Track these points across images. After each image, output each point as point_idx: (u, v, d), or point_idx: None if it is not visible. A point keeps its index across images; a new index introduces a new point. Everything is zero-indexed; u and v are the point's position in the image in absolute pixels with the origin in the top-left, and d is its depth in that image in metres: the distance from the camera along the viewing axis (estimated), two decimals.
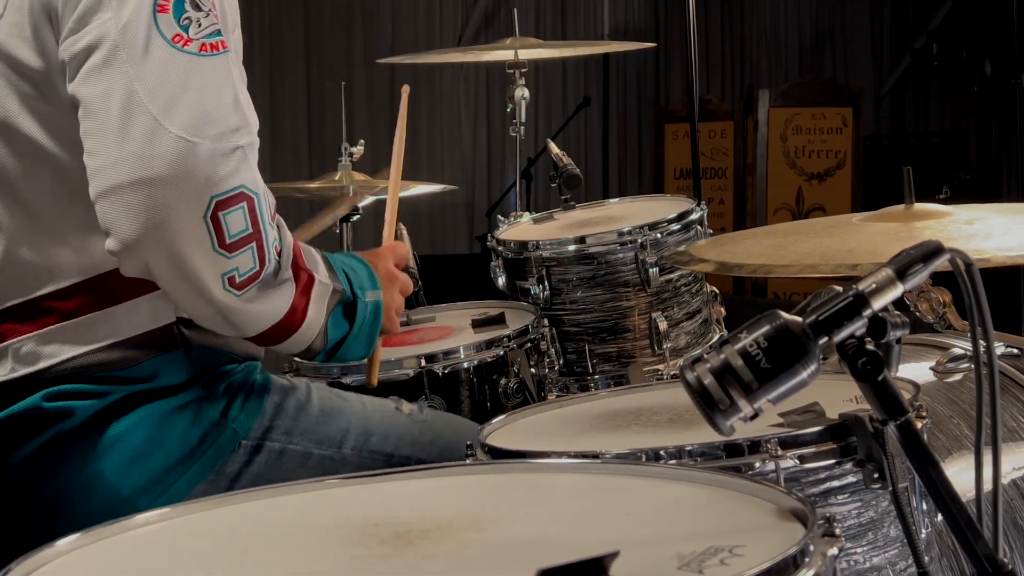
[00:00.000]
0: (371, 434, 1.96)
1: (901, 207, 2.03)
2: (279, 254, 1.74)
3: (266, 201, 1.72)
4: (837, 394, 1.69)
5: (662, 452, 1.55)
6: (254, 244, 1.68)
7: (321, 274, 1.82)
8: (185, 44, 1.67)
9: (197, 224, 1.63)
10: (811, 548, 1.11)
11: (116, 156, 1.63)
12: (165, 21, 1.67)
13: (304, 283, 1.78)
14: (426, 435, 2.00)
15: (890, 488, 1.50)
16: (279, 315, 1.74)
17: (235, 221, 1.66)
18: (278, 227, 1.76)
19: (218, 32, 1.70)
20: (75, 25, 1.67)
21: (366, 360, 2.07)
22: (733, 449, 1.54)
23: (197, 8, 1.69)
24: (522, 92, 3.45)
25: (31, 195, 1.77)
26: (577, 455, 1.55)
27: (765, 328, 1.20)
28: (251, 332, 1.75)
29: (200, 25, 1.68)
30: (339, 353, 1.88)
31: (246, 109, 1.72)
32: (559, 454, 1.57)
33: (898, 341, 1.25)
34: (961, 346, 2.11)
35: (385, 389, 2.23)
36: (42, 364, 1.77)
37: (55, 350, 1.77)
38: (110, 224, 1.65)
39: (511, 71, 3.49)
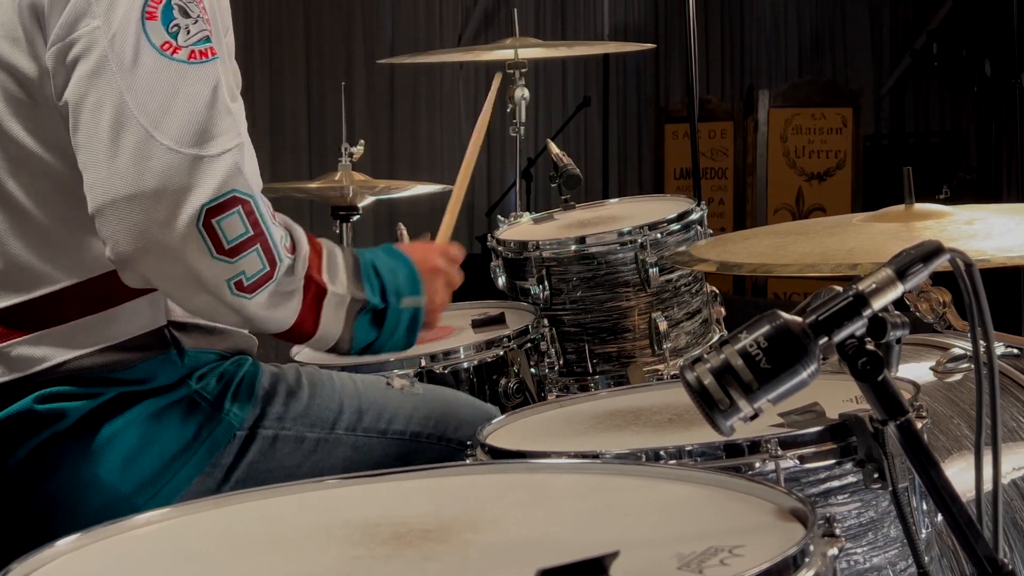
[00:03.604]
0: (364, 412, 1.96)
1: (901, 207, 2.03)
2: (292, 251, 1.72)
3: (264, 203, 1.71)
4: (837, 394, 1.69)
5: (662, 452, 1.55)
6: (258, 246, 1.66)
7: (338, 285, 1.79)
8: (174, 52, 1.66)
9: (191, 233, 1.62)
10: (811, 548, 1.11)
11: (107, 172, 1.63)
12: (154, 28, 1.66)
13: (313, 295, 1.76)
14: (420, 409, 2.00)
15: (890, 488, 1.50)
16: (288, 322, 1.74)
17: (231, 226, 1.64)
18: (290, 230, 1.75)
19: (207, 39, 1.69)
20: (62, 31, 1.66)
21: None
22: (733, 449, 1.54)
23: (186, 15, 1.68)
24: (522, 92, 3.45)
25: (20, 198, 1.76)
26: (577, 455, 1.55)
27: (765, 328, 1.20)
28: (265, 331, 1.76)
29: (189, 32, 1.67)
30: (371, 352, 1.87)
31: (236, 114, 1.70)
32: (559, 454, 1.57)
33: (898, 341, 1.25)
34: (961, 346, 2.11)
35: None
36: (34, 368, 1.76)
37: (47, 354, 1.76)
38: (108, 239, 1.65)
39: (511, 71, 3.49)
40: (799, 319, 1.21)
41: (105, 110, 1.63)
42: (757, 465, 1.53)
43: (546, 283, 2.81)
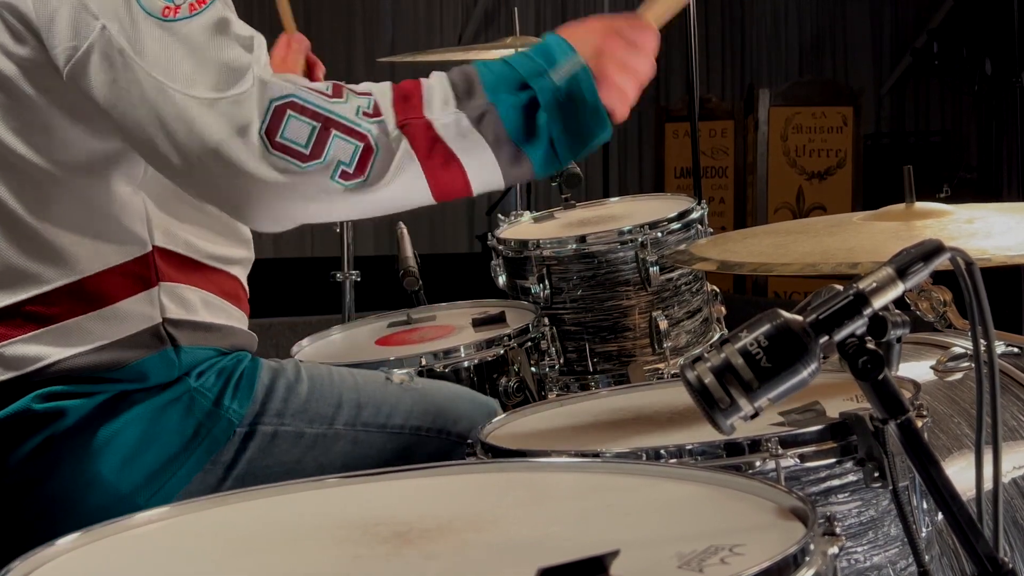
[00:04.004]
0: (363, 407, 1.95)
1: (901, 206, 2.03)
2: (374, 116, 1.64)
3: (309, 90, 1.64)
4: (837, 393, 1.69)
5: (662, 451, 1.55)
6: (334, 129, 1.62)
7: (440, 112, 1.64)
8: (175, 12, 1.66)
9: (272, 162, 1.60)
10: (811, 547, 1.11)
11: (179, 158, 1.63)
12: (148, 1, 1.65)
13: (424, 141, 1.63)
14: (419, 403, 2.00)
15: (890, 487, 1.49)
16: (423, 186, 1.64)
17: (295, 130, 1.61)
18: (371, 93, 1.66)
19: None
20: (71, 43, 1.65)
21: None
22: (733, 448, 1.54)
23: None
24: None
25: (9, 199, 1.76)
26: (577, 454, 1.55)
27: (765, 327, 1.20)
28: (426, 200, 1.65)
29: None
30: (574, 152, 1.67)
31: (244, 33, 1.68)
32: (559, 453, 1.57)
33: (898, 340, 1.25)
34: (961, 345, 2.11)
35: None
36: (30, 367, 1.76)
37: (43, 353, 1.76)
38: (229, 215, 1.69)
39: None
40: (799, 318, 1.21)
41: (145, 102, 1.64)
42: (757, 464, 1.53)
43: (546, 282, 2.81)
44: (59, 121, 1.71)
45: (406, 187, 1.64)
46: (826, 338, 1.21)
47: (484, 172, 1.67)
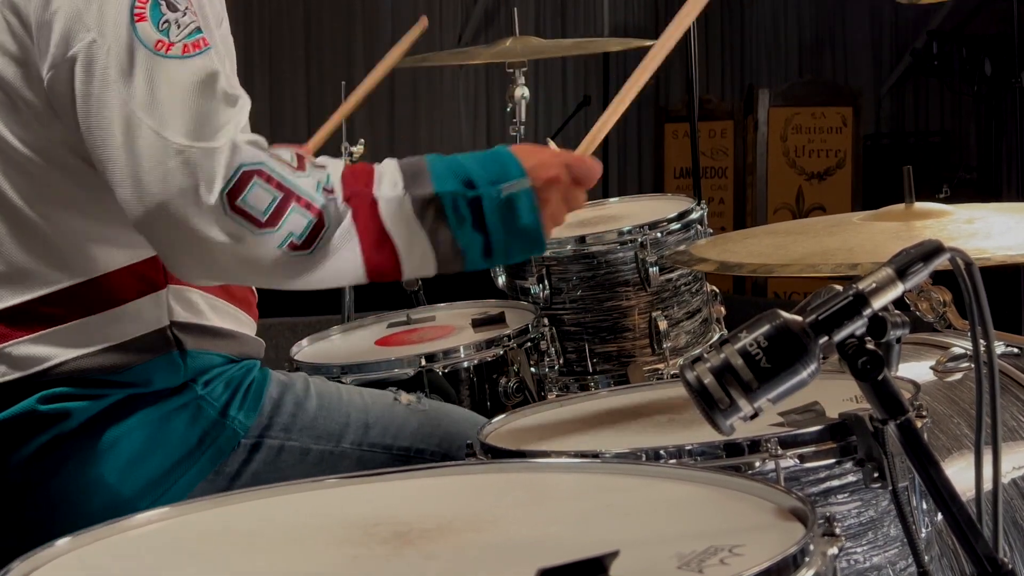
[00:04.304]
0: (370, 427, 1.95)
1: (901, 206, 2.03)
2: (330, 192, 1.65)
3: (278, 160, 1.65)
4: (837, 393, 1.69)
5: (662, 452, 1.55)
6: (293, 202, 1.63)
7: (388, 188, 1.66)
8: (168, 49, 1.65)
9: (224, 221, 1.61)
10: (811, 547, 1.11)
11: (132, 187, 1.62)
12: (145, 30, 1.65)
13: (365, 213, 1.65)
14: (425, 426, 2.00)
15: (890, 487, 1.49)
16: (357, 261, 1.66)
17: (257, 197, 1.62)
18: (327, 168, 1.68)
19: (197, 30, 1.68)
20: (59, 48, 1.65)
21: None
22: (733, 448, 1.54)
23: (173, 8, 1.67)
24: (522, 92, 3.44)
25: (16, 201, 1.76)
26: (577, 455, 1.55)
27: (765, 327, 1.20)
28: (355, 279, 1.67)
29: (179, 26, 1.67)
30: (499, 259, 1.71)
31: (231, 91, 1.68)
32: (559, 454, 1.57)
33: (898, 340, 1.25)
34: (961, 345, 2.11)
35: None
36: (36, 367, 1.76)
37: (49, 353, 1.76)
38: (160, 254, 1.69)
39: (511, 71, 3.49)
40: (799, 318, 1.21)
41: (116, 124, 1.63)
42: (757, 464, 1.53)
43: (546, 282, 2.81)
44: (58, 123, 1.71)
45: (343, 263, 1.66)
46: (826, 339, 1.21)
47: (417, 259, 1.68)
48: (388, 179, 1.68)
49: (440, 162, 1.71)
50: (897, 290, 1.24)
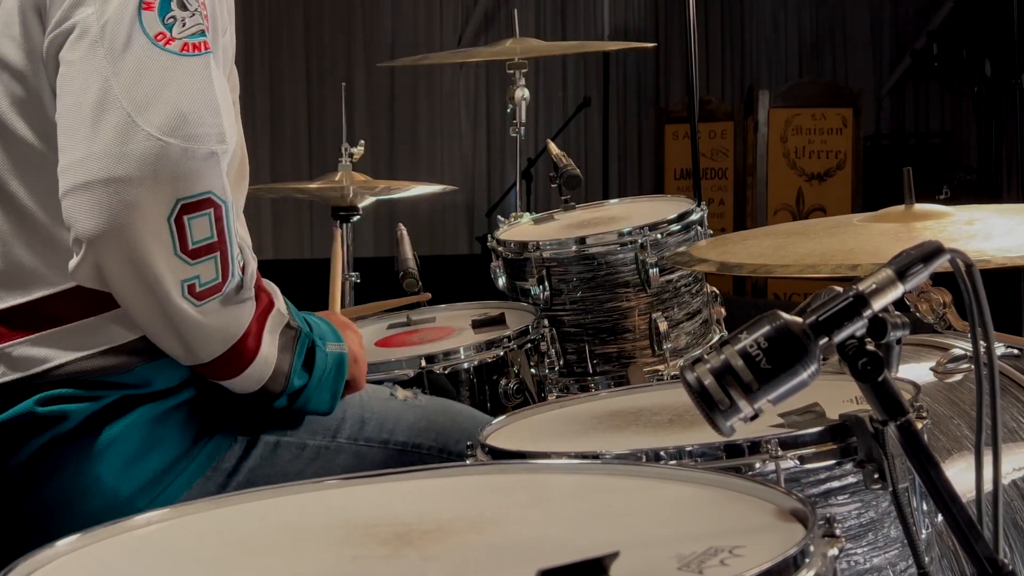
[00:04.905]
0: (366, 422, 1.95)
1: (901, 207, 2.03)
2: (243, 271, 1.72)
3: (234, 214, 1.69)
4: (837, 394, 1.69)
5: (662, 453, 1.55)
6: (218, 254, 1.66)
7: (279, 302, 1.81)
8: (167, 43, 1.65)
9: (160, 225, 1.61)
10: (811, 549, 1.11)
11: (85, 153, 1.62)
12: (149, 19, 1.65)
13: (263, 306, 1.76)
14: (422, 421, 2.00)
15: (890, 488, 1.50)
16: (235, 334, 1.72)
17: (200, 227, 1.63)
18: (242, 249, 1.75)
19: (202, 32, 1.68)
20: (60, 19, 1.67)
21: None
22: (733, 450, 1.54)
23: (183, 7, 1.67)
24: (522, 92, 3.45)
25: (23, 197, 1.76)
26: (577, 456, 1.55)
27: (765, 329, 1.20)
28: (204, 354, 1.72)
29: (184, 24, 1.67)
30: (299, 402, 1.85)
31: (223, 115, 1.68)
32: (559, 455, 1.57)
33: (898, 342, 1.25)
34: (961, 346, 2.11)
35: None
36: (35, 369, 1.76)
37: (48, 355, 1.76)
38: (72, 220, 1.63)
39: (511, 71, 3.49)
40: (799, 319, 1.21)
41: (90, 93, 1.63)
42: (757, 465, 1.53)
43: (546, 283, 2.81)
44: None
45: (221, 326, 1.71)
46: (826, 340, 1.21)
47: (264, 369, 1.77)
48: (280, 299, 1.82)
49: (294, 310, 1.86)
50: (897, 291, 1.24)
